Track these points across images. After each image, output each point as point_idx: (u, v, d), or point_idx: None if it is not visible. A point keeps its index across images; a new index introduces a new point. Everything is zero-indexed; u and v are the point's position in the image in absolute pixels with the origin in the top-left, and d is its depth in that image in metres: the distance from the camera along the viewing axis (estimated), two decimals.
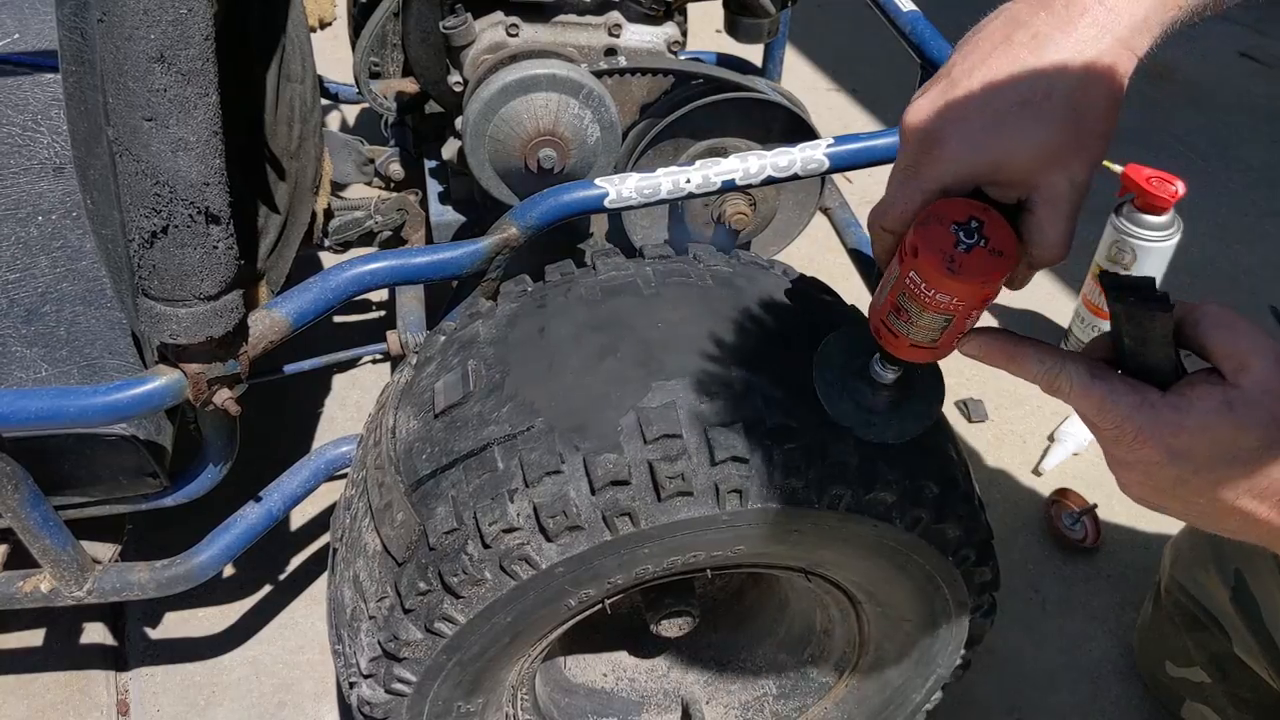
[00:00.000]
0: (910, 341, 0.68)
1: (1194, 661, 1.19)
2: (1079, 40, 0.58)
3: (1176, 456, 0.59)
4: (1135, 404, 0.60)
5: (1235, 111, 2.43)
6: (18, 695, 1.28)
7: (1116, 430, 0.61)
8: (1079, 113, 0.59)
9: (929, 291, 0.62)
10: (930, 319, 0.64)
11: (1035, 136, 0.59)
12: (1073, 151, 0.60)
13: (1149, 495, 0.64)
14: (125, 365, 0.97)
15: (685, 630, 1.02)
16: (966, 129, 0.60)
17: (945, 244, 0.61)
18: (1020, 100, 0.59)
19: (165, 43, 0.66)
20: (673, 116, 1.20)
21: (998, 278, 0.62)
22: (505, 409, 0.81)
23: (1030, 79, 0.59)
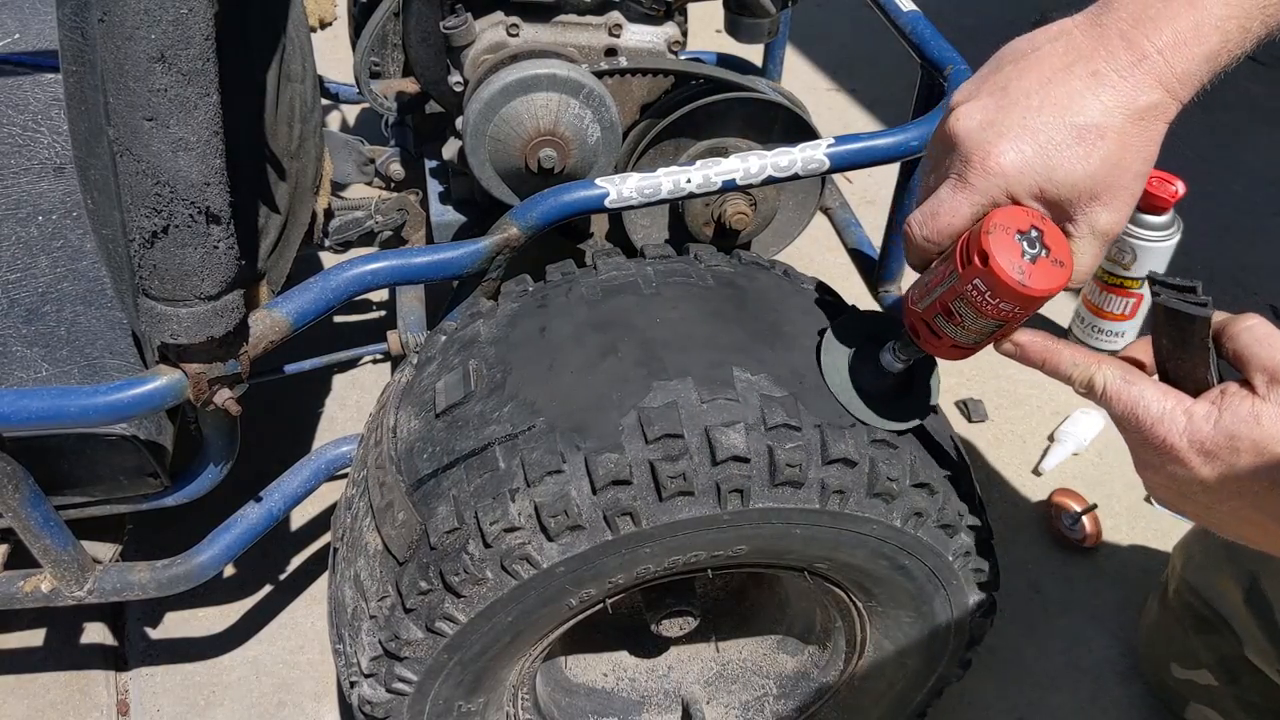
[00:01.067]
0: (953, 342, 0.69)
1: (1202, 664, 1.19)
2: (1134, 86, 0.61)
3: (1201, 466, 0.61)
4: (1165, 410, 0.62)
5: (1235, 111, 2.43)
6: (18, 695, 1.28)
7: (1144, 433, 0.63)
8: (1125, 153, 0.62)
9: (993, 300, 0.63)
10: (984, 324, 0.66)
11: (1084, 169, 0.62)
12: (1114, 190, 0.62)
13: (1172, 499, 0.66)
14: (126, 365, 0.97)
15: (686, 630, 1.02)
16: (1019, 150, 0.62)
17: (1014, 255, 0.62)
18: (1075, 134, 0.61)
19: (166, 43, 0.66)
20: (673, 116, 1.20)
21: (1059, 289, 0.63)
22: (506, 408, 0.81)
23: (1085, 114, 0.61)
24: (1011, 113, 0.63)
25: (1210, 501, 0.63)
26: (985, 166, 0.63)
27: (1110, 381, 0.64)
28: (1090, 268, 0.65)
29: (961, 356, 0.71)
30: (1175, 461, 0.62)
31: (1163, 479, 0.64)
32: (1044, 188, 0.63)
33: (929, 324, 0.70)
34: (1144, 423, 0.63)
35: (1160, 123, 0.62)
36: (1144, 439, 0.63)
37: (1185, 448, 0.61)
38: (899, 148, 0.98)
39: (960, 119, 0.65)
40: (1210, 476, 0.61)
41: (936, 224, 0.66)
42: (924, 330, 0.71)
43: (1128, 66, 0.61)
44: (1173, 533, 1.48)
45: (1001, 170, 0.63)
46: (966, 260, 0.64)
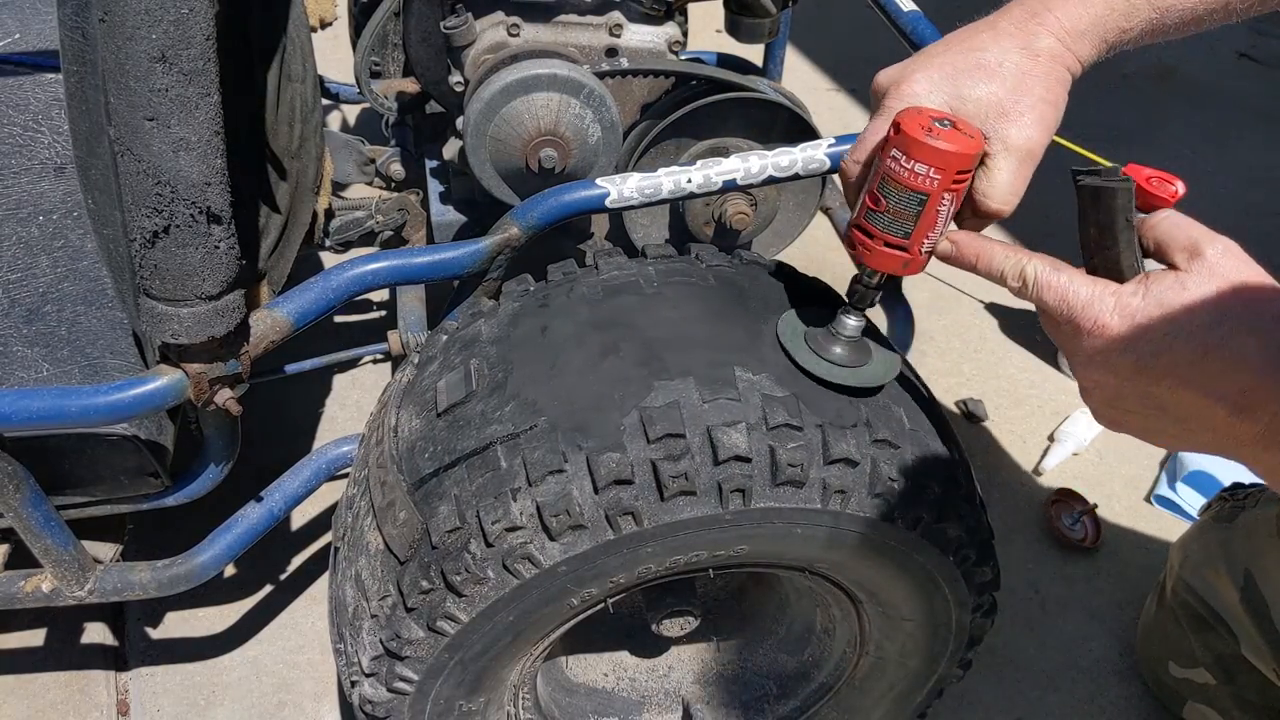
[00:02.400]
0: (884, 239, 0.72)
1: (1199, 662, 1.19)
2: (1030, 35, 0.71)
3: (1134, 340, 0.63)
4: (1095, 293, 0.65)
5: (1234, 111, 2.43)
6: (18, 695, 1.28)
7: (1076, 319, 0.65)
8: (1025, 81, 0.70)
9: (908, 164, 0.68)
10: (905, 199, 0.70)
11: (987, 89, 0.70)
12: (1020, 109, 0.70)
13: (1111, 399, 0.67)
14: (127, 365, 0.97)
15: (687, 630, 1.02)
16: (928, 76, 0.72)
17: (925, 122, 0.68)
18: (977, 64, 0.71)
19: (167, 43, 0.66)
20: (674, 116, 1.20)
21: (969, 155, 0.68)
22: (508, 408, 0.81)
23: (987, 52, 0.71)
24: (923, 56, 0.74)
25: (1146, 385, 0.63)
26: (899, 92, 0.72)
27: (1040, 272, 0.67)
28: (1009, 185, 0.71)
29: (896, 264, 0.73)
30: (1109, 343, 0.64)
31: (1098, 371, 0.66)
32: (953, 105, 0.71)
33: (861, 225, 0.74)
34: (1074, 306, 0.65)
35: (1058, 64, 0.71)
36: (1076, 326, 0.65)
37: (1117, 324, 0.63)
38: None
39: (881, 72, 0.76)
40: (1145, 350, 0.62)
41: (862, 145, 0.75)
42: (858, 236, 0.74)
43: (1024, 21, 0.72)
44: (1172, 532, 1.48)
45: (913, 92, 0.72)
46: (884, 144, 0.70)
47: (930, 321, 1.84)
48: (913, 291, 1.80)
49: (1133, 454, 1.61)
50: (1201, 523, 1.20)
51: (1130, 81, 2.56)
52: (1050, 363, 1.77)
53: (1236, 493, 1.17)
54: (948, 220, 0.72)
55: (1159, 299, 0.62)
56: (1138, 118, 2.36)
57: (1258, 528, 1.07)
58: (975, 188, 0.72)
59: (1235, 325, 0.60)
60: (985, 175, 0.71)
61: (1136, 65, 2.62)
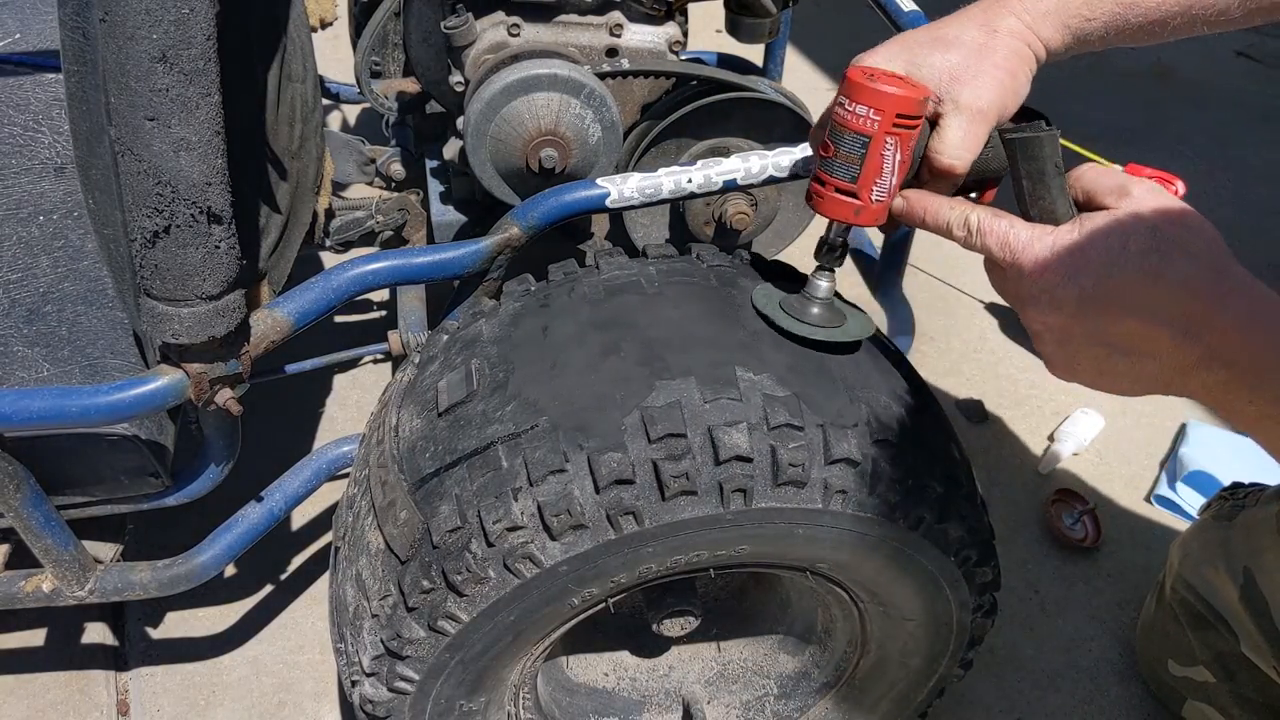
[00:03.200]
0: (834, 185, 0.76)
1: (1198, 660, 1.19)
2: (992, 15, 0.76)
3: (1074, 272, 0.66)
4: (1034, 234, 0.68)
5: (1234, 111, 2.43)
6: (18, 695, 1.28)
7: (1016, 260, 0.68)
8: (982, 51, 0.74)
9: (851, 107, 0.72)
10: (850, 142, 0.73)
11: (943, 59, 0.74)
12: (973, 73, 0.74)
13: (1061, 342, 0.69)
14: (127, 365, 0.97)
15: (687, 629, 1.02)
16: (888, 50, 0.77)
17: (869, 70, 0.73)
18: (935, 38, 0.76)
19: (167, 43, 0.66)
20: (674, 116, 1.20)
21: (909, 99, 0.71)
22: (509, 408, 0.81)
23: (947, 28, 0.76)
24: (888, 42, 0.78)
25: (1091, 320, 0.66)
26: (859, 65, 0.76)
27: (983, 218, 0.71)
28: (959, 141, 0.74)
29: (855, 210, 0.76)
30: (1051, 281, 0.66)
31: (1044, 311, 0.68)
32: (908, 71, 0.75)
33: (816, 175, 0.77)
34: (1016, 247, 0.68)
35: (1017, 40, 0.75)
36: (1019, 266, 0.68)
37: (1057, 259, 0.66)
38: None
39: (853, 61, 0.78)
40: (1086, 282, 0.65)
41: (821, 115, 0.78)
42: (814, 186, 0.78)
43: (989, 5, 0.76)
44: (1172, 532, 1.48)
45: (872, 64, 0.76)
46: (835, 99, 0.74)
47: (930, 321, 1.84)
48: (913, 291, 1.80)
49: (1133, 454, 1.61)
50: (1201, 521, 1.20)
51: (1130, 81, 2.56)
52: None
53: (1236, 492, 1.17)
54: (895, 169, 0.74)
55: (1096, 232, 0.66)
56: (1137, 118, 2.36)
57: (1257, 526, 1.07)
58: (929, 146, 0.75)
59: (1171, 250, 0.64)
60: (937, 134, 0.75)
61: (1136, 65, 2.62)
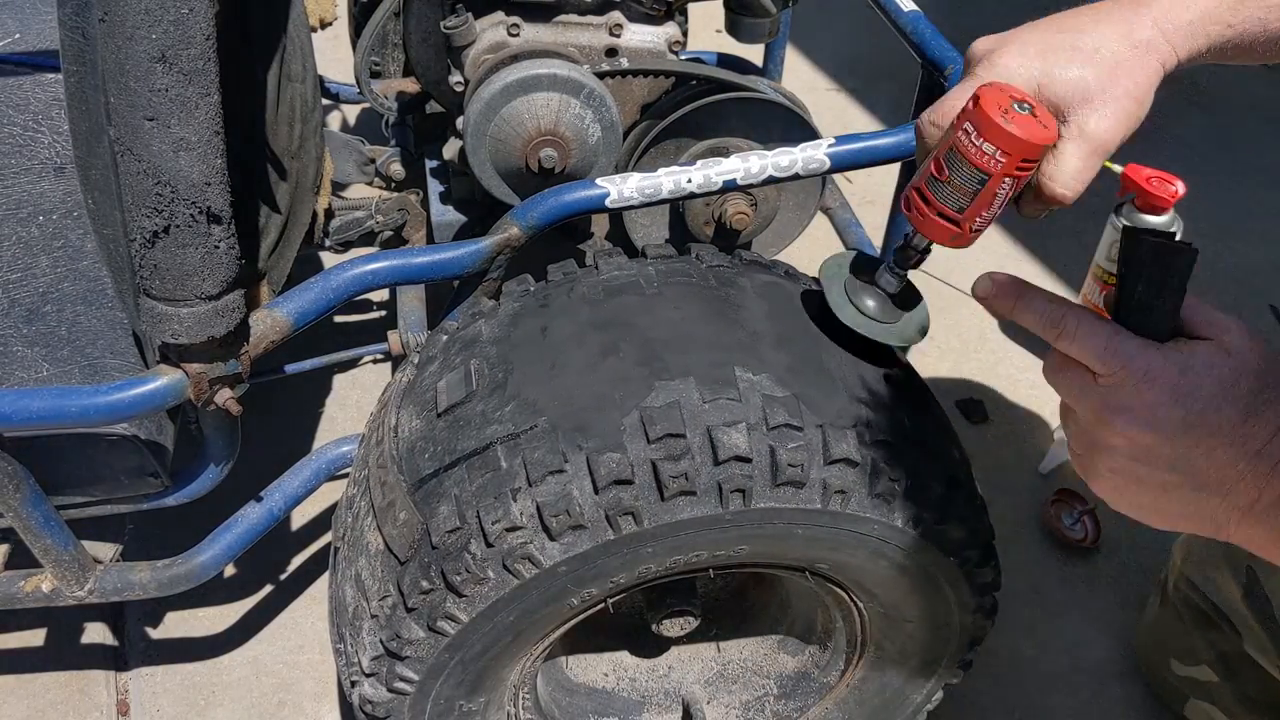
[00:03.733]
0: (939, 209, 0.73)
1: (1201, 660, 1.19)
2: (1133, 25, 0.70)
3: (1184, 395, 0.62)
4: (1141, 345, 0.63)
5: (1235, 111, 2.43)
6: (18, 695, 1.28)
7: (1124, 370, 0.63)
8: (1117, 71, 0.70)
9: (978, 141, 0.68)
10: (968, 175, 0.70)
11: (1077, 72, 0.70)
12: (1105, 99, 0.69)
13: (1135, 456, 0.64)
14: (127, 365, 0.97)
15: (687, 630, 1.02)
16: (1023, 50, 0.71)
17: (1003, 102, 0.68)
18: (1072, 46, 0.70)
19: (167, 43, 0.66)
20: (674, 116, 1.20)
21: (1038, 145, 0.68)
22: (508, 408, 0.81)
23: (1085, 34, 0.71)
24: (1020, 31, 0.73)
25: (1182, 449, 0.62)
26: (990, 61, 0.72)
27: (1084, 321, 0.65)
28: (1076, 172, 0.70)
29: (952, 236, 0.74)
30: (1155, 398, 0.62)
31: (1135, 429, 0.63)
32: (1041, 83, 0.70)
33: (921, 191, 0.74)
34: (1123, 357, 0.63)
35: (1153, 58, 0.70)
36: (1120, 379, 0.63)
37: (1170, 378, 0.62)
38: (899, 148, 0.98)
39: (979, 40, 0.75)
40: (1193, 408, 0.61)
41: (943, 107, 0.74)
42: (915, 199, 0.75)
43: (1129, 9, 0.71)
44: (1172, 533, 1.48)
45: (1005, 64, 0.71)
46: (960, 115, 0.70)
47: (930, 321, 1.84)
48: None
49: None
50: None
51: None
52: None
53: None
54: (1004, 203, 0.72)
55: (1208, 360, 0.62)
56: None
57: None
58: (1042, 170, 0.72)
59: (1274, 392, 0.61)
60: (1054, 159, 0.71)
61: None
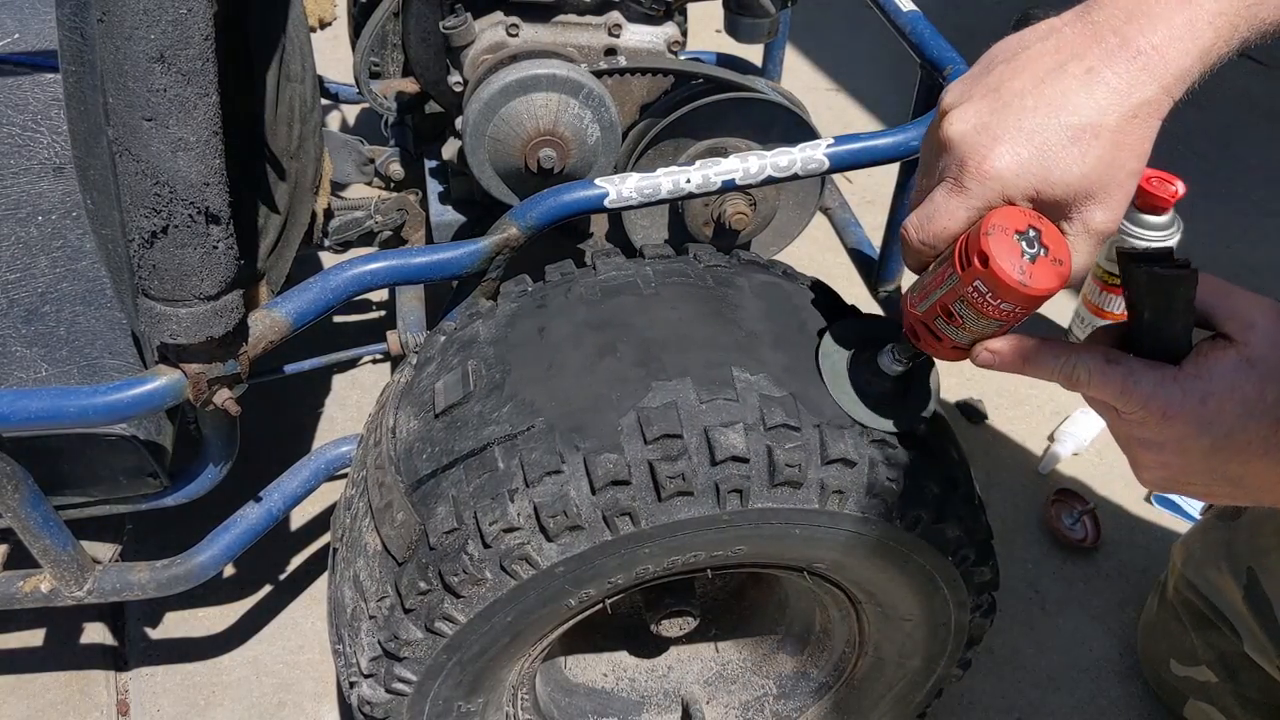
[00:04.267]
0: (953, 343, 0.69)
1: (1200, 660, 1.19)
2: (1129, 83, 0.60)
3: (1208, 424, 0.60)
4: (1158, 380, 0.61)
5: (1235, 111, 2.43)
6: (18, 695, 1.28)
7: (1143, 411, 0.62)
8: (1120, 152, 0.61)
9: (994, 301, 0.63)
10: (985, 324, 0.66)
11: (1080, 170, 0.61)
12: (1109, 188, 0.62)
13: (1177, 475, 0.65)
14: (125, 365, 0.97)
15: (685, 630, 1.02)
16: (1015, 153, 0.62)
17: (1015, 255, 0.62)
18: (1070, 135, 0.61)
19: (165, 43, 0.66)
20: (673, 116, 1.20)
21: (1060, 287, 0.63)
22: (505, 409, 0.81)
23: (1080, 114, 0.61)
24: (1006, 116, 0.62)
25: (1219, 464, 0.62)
26: (981, 170, 0.63)
27: (1095, 367, 0.64)
28: (1086, 266, 0.65)
29: (961, 358, 0.72)
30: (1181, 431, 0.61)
31: (1168, 455, 0.63)
32: (1040, 189, 0.62)
33: (929, 326, 0.70)
34: (1139, 398, 0.62)
35: (1155, 119, 0.62)
36: (1143, 417, 0.62)
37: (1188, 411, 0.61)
38: (899, 148, 0.98)
39: (954, 123, 0.64)
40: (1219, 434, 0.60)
41: (933, 228, 0.66)
42: (924, 332, 0.71)
43: (1123, 63, 0.60)
44: (1172, 533, 1.48)
45: (998, 174, 0.62)
46: (966, 263, 0.64)
47: None
48: None
49: None
50: (1204, 521, 1.20)
51: None
52: None
53: None
54: None
55: (1229, 381, 0.60)
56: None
57: (1261, 526, 1.07)
58: None
59: None
60: None
61: None
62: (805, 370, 0.83)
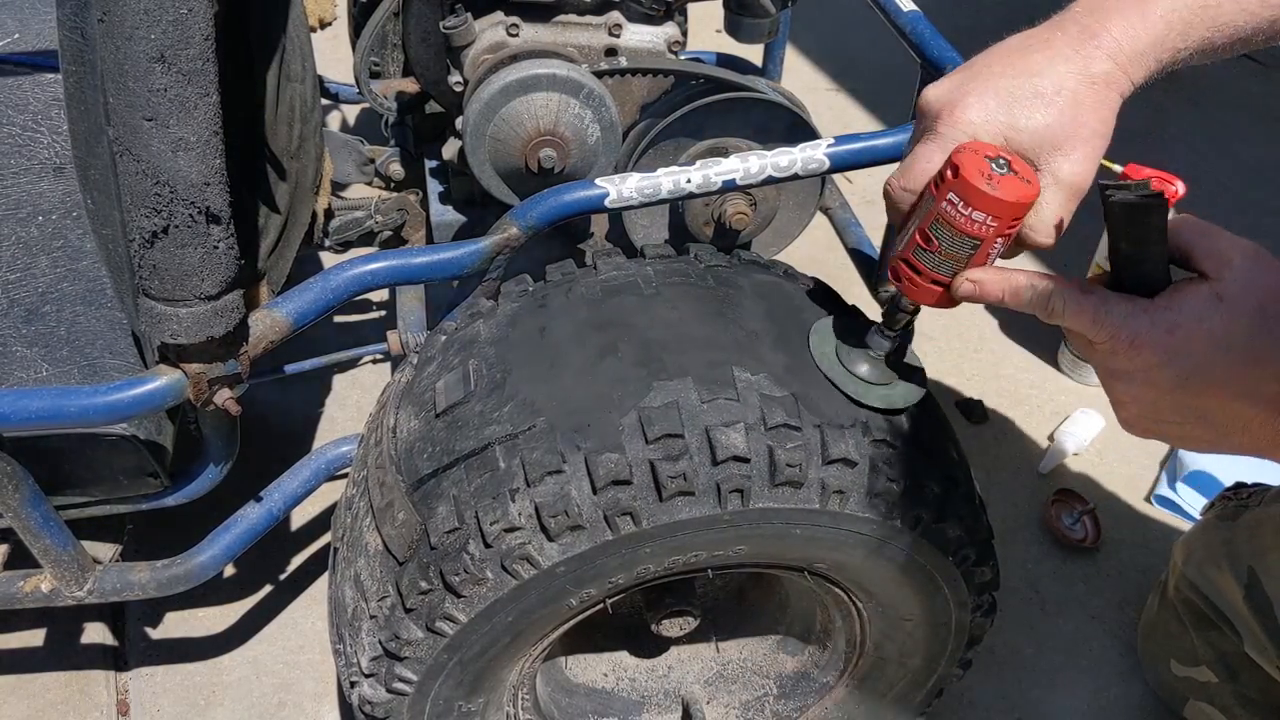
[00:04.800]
0: (931, 277, 0.72)
1: (1201, 660, 1.19)
2: (1087, 58, 0.69)
3: (1175, 354, 0.63)
4: (1129, 310, 0.64)
5: (1234, 111, 2.43)
6: (18, 695, 1.28)
7: (1112, 339, 0.65)
8: (1080, 110, 0.68)
9: (966, 211, 0.67)
10: (959, 244, 0.70)
11: (1043, 119, 0.68)
12: (1073, 140, 0.68)
13: (1149, 411, 0.67)
14: (126, 365, 0.97)
15: (686, 630, 1.02)
16: (983, 102, 0.69)
17: (984, 167, 0.66)
18: (1033, 91, 0.68)
19: (166, 43, 0.66)
20: (673, 116, 1.20)
21: (1026, 204, 0.67)
22: (506, 408, 0.81)
23: (1043, 77, 0.69)
24: (976, 79, 0.70)
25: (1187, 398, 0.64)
26: (953, 118, 0.69)
27: (1070, 296, 0.67)
28: (1050, 219, 0.70)
29: (944, 298, 0.73)
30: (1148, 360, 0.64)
31: (1137, 387, 0.66)
32: (1008, 135, 0.69)
33: (908, 261, 0.73)
34: (1110, 326, 0.65)
35: (1113, 91, 0.69)
36: (1113, 346, 0.65)
37: (1156, 340, 0.63)
38: (899, 148, 0.98)
39: (930, 90, 0.72)
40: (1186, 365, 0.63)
41: (912, 172, 0.72)
42: (905, 270, 0.74)
43: (1081, 43, 0.69)
44: (1172, 532, 1.48)
45: (968, 120, 0.69)
46: (939, 181, 0.69)
47: (930, 321, 1.84)
48: None
49: (1133, 454, 1.61)
50: (1205, 521, 1.20)
51: None
52: (1050, 363, 1.77)
53: (1240, 491, 1.17)
54: (994, 260, 0.72)
55: (1197, 313, 0.62)
56: (1138, 118, 2.35)
57: (1262, 526, 1.07)
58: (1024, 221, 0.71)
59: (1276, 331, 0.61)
60: (1034, 210, 0.70)
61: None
62: (806, 370, 0.83)
